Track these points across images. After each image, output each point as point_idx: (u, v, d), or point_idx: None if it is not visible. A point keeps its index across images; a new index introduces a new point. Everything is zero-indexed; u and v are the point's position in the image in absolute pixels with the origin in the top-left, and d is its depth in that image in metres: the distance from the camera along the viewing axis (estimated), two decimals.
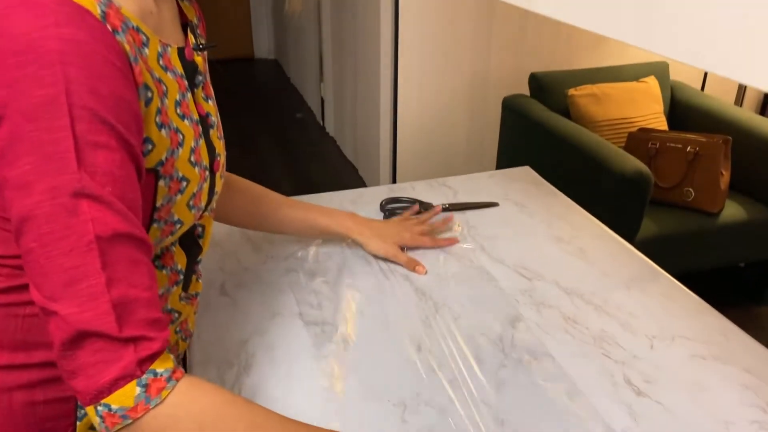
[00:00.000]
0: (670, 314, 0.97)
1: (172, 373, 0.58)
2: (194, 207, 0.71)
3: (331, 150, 3.78)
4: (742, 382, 0.84)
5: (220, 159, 0.79)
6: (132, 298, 0.55)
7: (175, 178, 0.66)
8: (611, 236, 1.20)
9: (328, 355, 0.88)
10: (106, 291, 0.54)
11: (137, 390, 0.56)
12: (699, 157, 2.20)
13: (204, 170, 0.72)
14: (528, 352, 0.89)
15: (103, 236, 0.54)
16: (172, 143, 0.65)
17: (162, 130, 0.63)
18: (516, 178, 1.42)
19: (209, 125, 0.76)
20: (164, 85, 0.65)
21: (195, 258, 0.81)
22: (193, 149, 0.69)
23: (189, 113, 0.70)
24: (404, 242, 1.11)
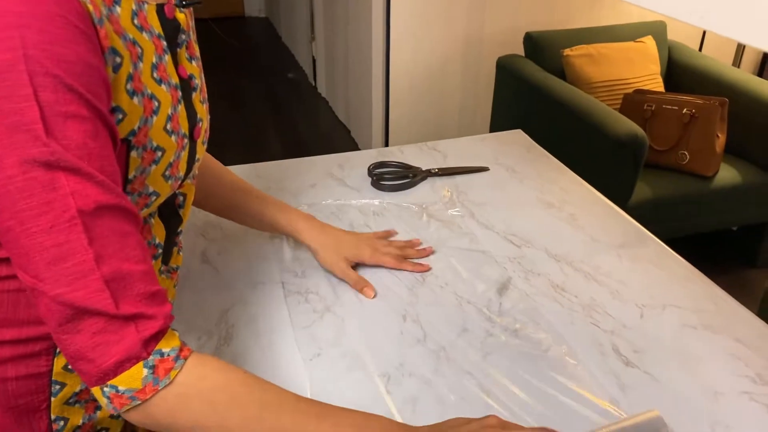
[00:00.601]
0: (661, 282, 0.95)
1: (180, 352, 0.56)
2: (171, 177, 0.67)
3: (322, 111, 3.73)
4: (732, 352, 0.82)
5: (202, 125, 0.74)
6: (125, 273, 0.53)
7: (149, 148, 0.61)
8: (602, 201, 1.17)
9: (311, 325, 0.86)
10: (95, 267, 0.51)
11: (144, 371, 0.54)
12: (695, 119, 2.17)
13: (182, 138, 0.67)
14: (515, 321, 0.87)
15: (86, 210, 0.51)
16: (146, 111, 0.60)
17: (134, 98, 0.58)
18: (507, 141, 1.39)
19: (192, 88, 0.71)
20: (139, 47, 0.60)
21: (175, 229, 0.78)
22: (170, 116, 0.64)
23: (167, 77, 0.65)
24: (361, 258, 0.95)
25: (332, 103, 3.70)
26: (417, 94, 2.85)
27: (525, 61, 2.49)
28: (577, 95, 2.23)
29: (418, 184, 1.21)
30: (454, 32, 2.74)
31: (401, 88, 2.82)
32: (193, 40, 0.74)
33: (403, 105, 2.87)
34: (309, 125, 3.64)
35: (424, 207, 1.13)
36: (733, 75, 2.39)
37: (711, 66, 2.48)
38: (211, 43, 3.91)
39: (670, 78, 2.61)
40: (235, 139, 3.35)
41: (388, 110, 2.88)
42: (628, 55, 2.44)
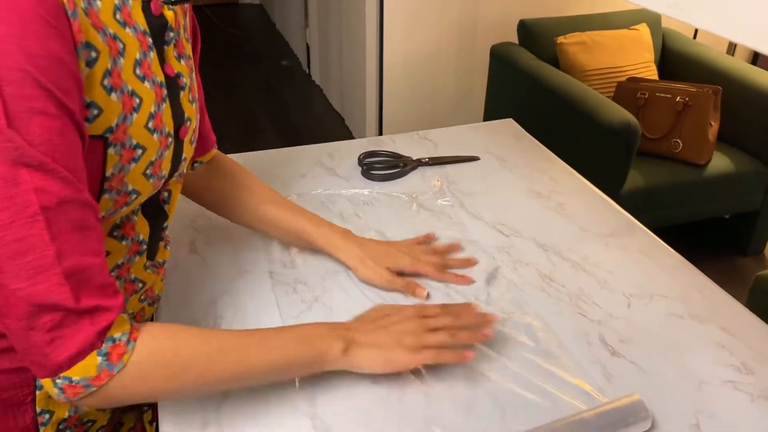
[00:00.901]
0: (649, 272, 0.96)
1: (130, 334, 0.58)
2: (153, 176, 0.66)
3: (316, 99, 3.71)
4: (718, 341, 0.83)
5: (190, 124, 0.73)
6: (85, 266, 0.54)
7: (128, 145, 0.61)
8: (591, 190, 1.17)
9: (299, 316, 0.86)
10: (56, 262, 0.52)
11: (99, 359, 0.56)
12: (688, 107, 2.17)
13: (166, 137, 0.67)
14: (503, 311, 0.87)
15: (48, 206, 0.51)
16: (125, 108, 0.60)
17: (112, 94, 0.58)
18: (498, 130, 1.39)
19: (179, 87, 0.70)
20: (120, 43, 0.59)
21: (160, 226, 0.77)
22: (152, 115, 0.64)
23: (151, 74, 0.64)
24: (401, 266, 0.91)
25: (326, 90, 3.68)
26: (411, 81, 2.84)
27: (519, 49, 2.48)
28: (571, 83, 2.22)
29: (409, 173, 1.20)
30: (447, 20, 2.73)
31: (395, 76, 2.80)
32: (184, 39, 0.73)
33: (397, 93, 2.86)
34: (303, 113, 3.62)
35: (414, 196, 1.13)
36: (727, 63, 2.39)
37: (705, 54, 2.48)
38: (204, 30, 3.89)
39: (664, 66, 2.60)
40: (228, 126, 3.34)
41: (381, 98, 2.87)
42: (622, 42, 2.43)
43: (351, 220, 1.06)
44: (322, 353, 0.70)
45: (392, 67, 2.78)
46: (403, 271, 0.91)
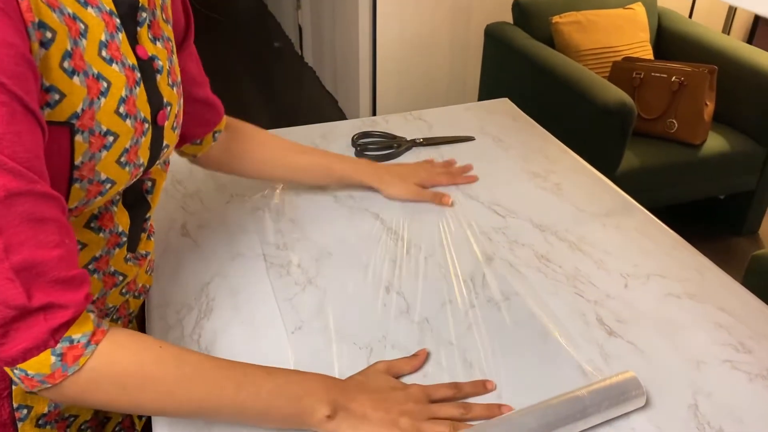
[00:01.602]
0: (646, 251, 0.95)
1: (92, 336, 0.55)
2: (129, 164, 0.63)
3: (309, 81, 3.68)
4: (716, 321, 0.82)
5: (171, 109, 0.70)
6: (38, 261, 0.51)
7: (97, 132, 0.57)
8: (588, 170, 1.16)
9: (293, 298, 0.85)
10: (4, 257, 0.49)
11: (52, 359, 0.53)
12: (684, 87, 2.15)
13: (141, 123, 0.63)
14: (499, 292, 0.86)
15: None
16: (91, 92, 0.56)
17: (74, 77, 0.54)
18: (494, 110, 1.37)
19: (155, 70, 0.66)
20: (81, 23, 0.55)
21: (142, 216, 0.74)
22: (124, 99, 0.60)
23: (120, 57, 0.60)
24: (421, 180, 1.06)
25: (319, 72, 3.65)
26: (404, 62, 2.82)
27: (513, 29, 2.45)
28: (566, 63, 2.21)
29: (403, 154, 1.19)
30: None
31: (388, 56, 2.78)
32: (161, 19, 0.69)
33: (391, 74, 2.83)
34: (296, 95, 3.59)
35: None
36: (723, 42, 2.37)
37: (701, 33, 2.46)
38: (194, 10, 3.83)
39: (660, 45, 2.59)
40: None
41: (375, 79, 2.84)
42: (618, 22, 2.41)
43: (344, 202, 1.05)
44: (304, 412, 0.63)
45: (386, 47, 2.75)
46: (423, 183, 1.06)
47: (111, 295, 0.73)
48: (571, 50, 2.35)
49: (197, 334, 0.79)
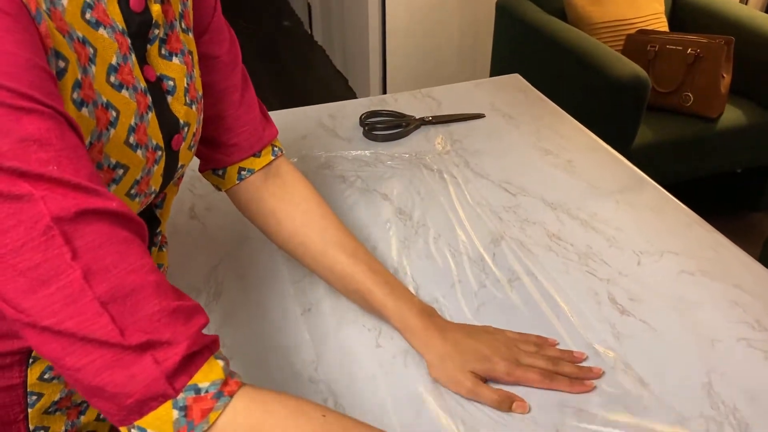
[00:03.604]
0: (659, 228, 0.93)
1: (223, 386, 0.45)
2: (139, 195, 0.57)
3: (319, 60, 3.65)
4: (731, 299, 0.81)
5: (188, 130, 0.63)
6: (130, 289, 0.42)
7: (105, 166, 0.51)
8: (601, 146, 1.14)
9: (301, 280, 0.85)
10: (86, 287, 0.40)
11: (175, 414, 0.43)
12: (699, 59, 2.11)
13: (154, 151, 0.57)
14: (509, 271, 0.85)
15: (64, 216, 0.40)
16: (100, 124, 0.49)
17: (83, 109, 0.48)
18: (504, 86, 1.35)
19: (164, 92, 0.59)
20: (90, 47, 0.49)
21: (152, 233, 0.68)
22: (134, 128, 0.54)
23: (132, 80, 0.54)
24: (494, 375, 0.69)
25: (329, 51, 3.62)
26: (415, 40, 2.78)
27: (525, 3, 2.41)
28: (579, 37, 2.16)
29: (412, 133, 1.17)
30: None
31: (398, 34, 2.74)
32: (179, 30, 0.61)
33: (401, 52, 2.80)
34: (305, 74, 3.57)
35: (417, 156, 1.10)
36: (740, 12, 2.31)
37: (717, 4, 2.40)
38: None
39: (675, 17, 2.53)
40: None
41: (385, 58, 2.81)
42: None
43: (354, 183, 1.04)
44: None
45: (395, 24, 2.71)
46: (498, 379, 0.70)
47: None
48: (584, 24, 2.30)
49: None
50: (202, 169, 0.78)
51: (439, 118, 1.21)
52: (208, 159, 0.76)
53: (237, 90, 0.73)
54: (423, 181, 1.04)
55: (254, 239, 0.92)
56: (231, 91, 0.72)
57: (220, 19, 0.71)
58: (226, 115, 0.72)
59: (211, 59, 0.70)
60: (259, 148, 0.76)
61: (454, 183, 1.04)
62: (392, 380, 0.71)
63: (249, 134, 0.74)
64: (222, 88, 0.71)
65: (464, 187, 1.02)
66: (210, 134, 0.73)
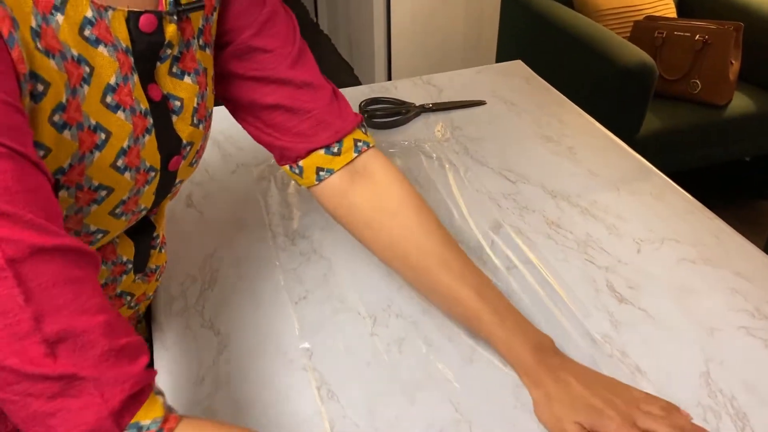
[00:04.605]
0: (661, 216, 0.92)
1: (163, 423, 0.45)
2: (126, 214, 0.56)
3: (325, 48, 3.63)
4: (732, 286, 0.80)
5: (191, 148, 0.61)
6: (79, 331, 0.42)
7: (86, 187, 0.50)
8: (603, 133, 1.12)
9: (297, 268, 0.84)
10: (35, 328, 0.40)
11: None
12: (708, 46, 2.08)
13: (146, 173, 0.55)
14: (507, 259, 0.84)
15: (17, 257, 0.39)
16: (83, 146, 0.48)
17: (65, 132, 0.46)
18: (506, 73, 1.33)
19: (171, 111, 0.57)
20: (86, 66, 0.47)
21: (148, 239, 0.67)
22: (125, 150, 0.52)
23: (130, 102, 0.52)
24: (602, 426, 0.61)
25: (334, 39, 3.60)
26: (420, 27, 2.76)
27: None
28: (585, 24, 2.14)
29: (412, 120, 1.16)
30: None
31: (403, 22, 2.72)
32: (196, 48, 0.59)
33: (406, 40, 2.78)
34: None
35: (416, 144, 1.09)
36: None
37: None
38: None
39: (683, 3, 2.49)
40: None
41: (390, 46, 2.79)
42: None
43: None
44: None
45: (400, 12, 2.69)
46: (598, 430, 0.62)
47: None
48: (590, 10, 2.28)
49: (201, 305, 0.79)
50: (279, 163, 0.74)
51: (440, 105, 1.19)
52: (273, 148, 0.72)
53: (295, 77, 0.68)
54: (422, 169, 1.03)
55: (250, 228, 0.91)
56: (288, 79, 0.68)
57: (275, 11, 0.67)
58: (286, 102, 0.68)
59: (268, 52, 0.66)
60: (329, 138, 0.69)
61: (453, 170, 1.03)
62: (387, 368, 0.70)
63: (315, 122, 0.69)
64: (279, 78, 0.67)
65: (463, 175, 1.01)
66: (274, 121, 0.69)
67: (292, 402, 0.67)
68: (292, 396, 0.67)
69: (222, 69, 0.67)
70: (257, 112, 0.69)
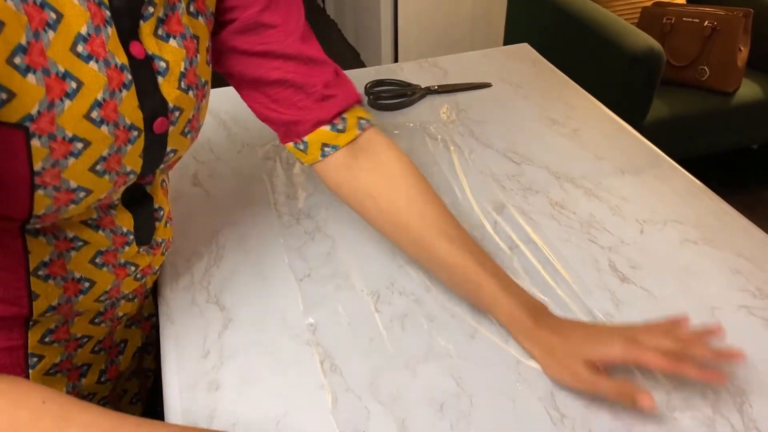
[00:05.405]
0: (664, 198, 0.92)
1: None
2: (109, 172, 0.55)
3: (331, 34, 3.62)
4: (734, 267, 0.80)
5: (182, 114, 0.61)
6: None
7: (59, 137, 0.50)
8: (609, 116, 1.12)
9: (302, 246, 0.85)
10: None
11: None
12: (716, 32, 2.07)
13: (126, 130, 0.55)
14: (510, 239, 0.85)
15: None
16: (51, 93, 0.48)
17: (29, 75, 0.46)
18: (513, 56, 1.33)
19: (155, 72, 0.57)
20: (51, 13, 0.48)
21: (148, 211, 0.67)
22: (100, 102, 0.52)
23: (104, 54, 0.52)
24: (609, 355, 0.62)
25: (341, 24, 3.59)
26: (427, 13, 2.75)
27: None
28: (593, 9, 2.13)
29: (417, 102, 1.17)
30: None
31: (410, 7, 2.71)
32: (184, 13, 0.60)
33: (413, 25, 2.77)
34: None
35: (421, 126, 1.10)
36: None
37: None
38: None
39: None
40: None
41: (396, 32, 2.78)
42: None
43: None
44: None
45: None
46: (614, 360, 0.62)
47: (125, 284, 0.69)
48: None
49: (207, 281, 0.80)
50: (283, 141, 0.75)
51: (445, 87, 1.19)
52: (278, 125, 0.73)
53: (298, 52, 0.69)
54: (426, 150, 1.03)
55: (256, 205, 0.92)
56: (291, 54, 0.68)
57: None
58: (292, 77, 0.69)
59: (275, 28, 0.67)
60: (335, 109, 0.71)
61: (458, 152, 1.03)
62: (389, 343, 0.71)
63: (320, 96, 0.70)
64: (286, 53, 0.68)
65: (468, 156, 1.02)
66: (279, 96, 0.70)
67: (295, 375, 0.68)
68: (296, 369, 0.68)
69: (228, 45, 0.68)
70: (263, 88, 0.70)
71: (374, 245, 0.85)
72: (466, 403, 0.64)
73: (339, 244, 0.85)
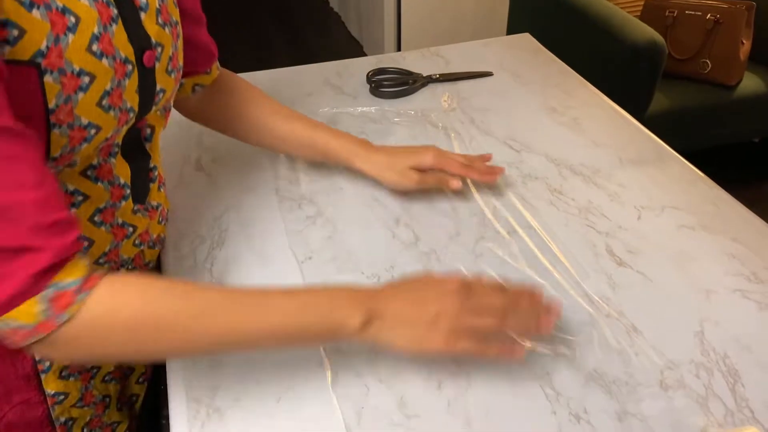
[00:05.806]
0: (662, 185, 0.93)
1: (84, 283, 0.51)
2: (113, 108, 0.58)
3: (335, 26, 3.63)
4: (729, 252, 0.81)
5: (162, 51, 0.64)
6: (11, 204, 0.47)
7: (68, 72, 0.52)
8: (608, 105, 1.13)
9: (303, 230, 0.86)
10: None
11: (40, 306, 0.49)
12: (719, 25, 2.07)
13: (122, 64, 0.58)
14: (509, 224, 0.86)
15: None
16: (56, 27, 0.51)
17: (34, 10, 0.49)
18: (514, 46, 1.34)
19: (137, 7, 0.61)
20: None
21: (143, 167, 0.70)
22: (97, 36, 0.55)
23: None
24: (423, 162, 0.87)
25: (345, 17, 3.59)
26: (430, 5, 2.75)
27: None
28: (596, 1, 2.13)
29: (418, 90, 1.18)
30: None
31: None
32: None
33: (416, 18, 2.78)
34: (321, 41, 3.55)
35: (423, 114, 1.11)
36: None
37: None
38: None
39: None
40: (242, 56, 3.29)
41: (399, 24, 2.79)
42: None
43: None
44: (336, 325, 0.59)
45: None
46: (426, 165, 0.87)
47: (124, 247, 0.70)
48: None
49: (210, 263, 0.81)
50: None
51: (447, 75, 1.20)
52: None
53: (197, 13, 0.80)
54: (427, 138, 1.04)
55: (258, 191, 0.93)
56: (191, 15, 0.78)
57: None
58: (188, 34, 0.77)
59: None
60: (210, 62, 0.85)
61: (458, 140, 1.04)
62: None
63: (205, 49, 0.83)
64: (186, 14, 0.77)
65: (468, 144, 1.03)
66: None
67: (297, 353, 0.69)
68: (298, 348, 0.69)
69: None
70: None
71: (376, 229, 0.86)
72: (464, 381, 0.66)
73: (340, 228, 0.86)
